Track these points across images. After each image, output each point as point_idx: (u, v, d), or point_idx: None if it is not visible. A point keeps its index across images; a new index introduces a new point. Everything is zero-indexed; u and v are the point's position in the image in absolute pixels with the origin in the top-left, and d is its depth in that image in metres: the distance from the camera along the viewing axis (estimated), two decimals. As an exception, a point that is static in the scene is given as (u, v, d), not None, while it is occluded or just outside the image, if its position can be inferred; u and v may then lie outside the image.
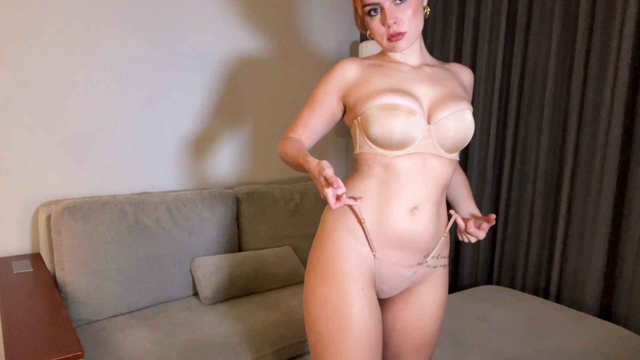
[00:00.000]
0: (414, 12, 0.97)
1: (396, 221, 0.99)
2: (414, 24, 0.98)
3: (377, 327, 1.00)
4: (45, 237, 1.66)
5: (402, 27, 0.97)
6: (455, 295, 1.92)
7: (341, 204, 0.85)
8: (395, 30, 0.97)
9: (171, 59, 2.05)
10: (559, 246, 1.90)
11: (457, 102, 1.00)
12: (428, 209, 1.01)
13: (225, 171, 2.31)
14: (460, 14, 2.30)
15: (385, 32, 0.99)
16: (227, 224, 2.02)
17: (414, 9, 0.97)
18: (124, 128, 1.96)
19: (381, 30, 1.00)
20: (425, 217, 1.00)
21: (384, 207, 0.99)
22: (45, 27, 1.73)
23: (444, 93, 1.02)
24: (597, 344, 1.51)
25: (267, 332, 1.62)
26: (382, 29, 0.99)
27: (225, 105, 2.26)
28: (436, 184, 1.01)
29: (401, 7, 0.96)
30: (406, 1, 0.96)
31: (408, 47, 1.01)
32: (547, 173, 1.97)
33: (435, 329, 1.10)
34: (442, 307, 1.11)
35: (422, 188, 1.00)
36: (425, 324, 1.08)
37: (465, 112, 1.00)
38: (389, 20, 0.96)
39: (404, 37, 0.98)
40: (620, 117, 1.69)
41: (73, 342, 1.11)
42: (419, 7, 0.99)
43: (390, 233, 1.00)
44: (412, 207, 1.00)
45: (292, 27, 2.45)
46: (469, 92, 1.12)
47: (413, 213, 1.00)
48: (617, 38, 1.70)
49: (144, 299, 1.75)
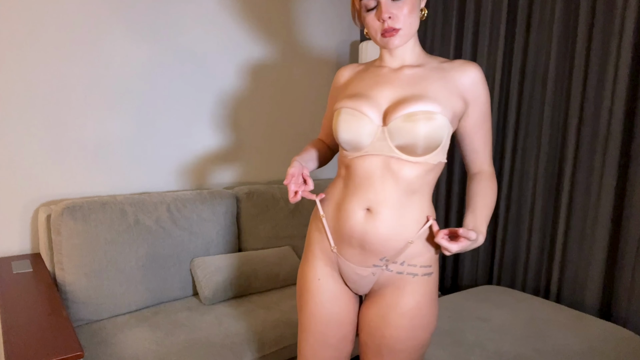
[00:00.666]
0: (410, 10, 0.97)
1: (348, 219, 1.03)
2: (409, 22, 0.98)
3: (333, 313, 1.10)
4: (45, 237, 1.66)
5: (397, 23, 0.97)
6: (456, 295, 1.92)
7: (297, 198, 1.01)
8: (389, 26, 0.97)
9: (171, 60, 2.05)
10: (559, 246, 1.90)
11: (415, 103, 0.95)
12: (384, 211, 1.00)
13: (225, 171, 2.31)
14: (460, 14, 2.30)
15: (380, 27, 0.99)
16: (227, 224, 2.02)
17: (410, 7, 0.97)
18: (124, 128, 1.95)
19: (376, 25, 1.00)
20: (379, 220, 1.00)
21: (341, 205, 1.06)
22: (47, 28, 1.73)
23: (407, 94, 0.99)
24: (597, 344, 1.51)
25: (267, 332, 1.61)
26: (377, 23, 0.99)
27: (225, 105, 2.25)
28: (398, 187, 0.99)
29: (398, 3, 0.97)
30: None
31: (401, 44, 1.01)
32: (547, 173, 1.97)
33: (400, 335, 1.02)
34: (412, 315, 1.02)
35: (378, 190, 1.00)
36: (387, 328, 1.04)
37: (418, 113, 0.94)
38: (384, 15, 0.96)
39: (398, 34, 0.98)
40: (620, 116, 1.69)
41: (73, 342, 1.10)
42: (416, 6, 0.99)
43: (344, 230, 1.04)
44: (365, 207, 1.01)
45: (292, 27, 2.45)
46: (462, 90, 1.00)
47: (366, 213, 1.01)
48: (617, 37, 1.70)
49: (144, 299, 1.75)
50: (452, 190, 2.41)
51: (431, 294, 1.04)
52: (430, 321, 1.04)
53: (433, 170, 1.01)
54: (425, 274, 1.02)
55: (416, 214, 1.01)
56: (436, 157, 0.99)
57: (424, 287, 1.03)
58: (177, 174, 2.14)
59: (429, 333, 1.05)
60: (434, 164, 0.99)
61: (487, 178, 1.04)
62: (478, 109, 1.02)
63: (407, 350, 1.04)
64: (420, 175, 0.99)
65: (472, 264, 2.30)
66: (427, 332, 1.04)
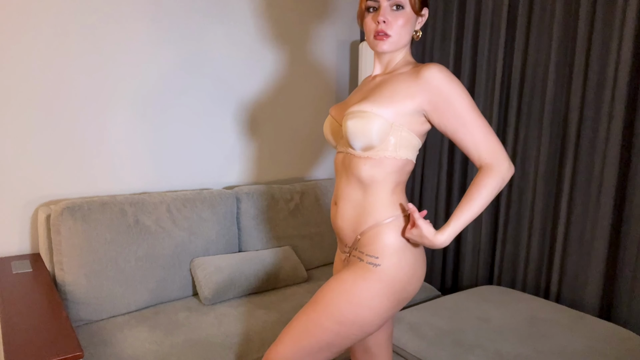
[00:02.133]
0: (404, 23, 1.08)
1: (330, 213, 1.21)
2: (400, 33, 1.08)
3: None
4: (45, 237, 1.66)
5: (390, 30, 1.07)
6: (456, 296, 1.92)
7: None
8: (382, 29, 1.07)
9: (171, 60, 2.05)
10: (560, 246, 1.90)
11: (357, 105, 1.07)
12: (343, 204, 1.13)
13: (225, 171, 2.30)
14: (460, 14, 2.30)
15: (374, 28, 1.09)
16: (227, 224, 2.02)
17: (405, 21, 1.08)
18: (124, 128, 1.95)
19: (372, 26, 1.09)
20: (339, 213, 1.14)
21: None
22: (46, 28, 1.73)
23: (361, 98, 1.12)
24: (598, 344, 1.50)
25: (267, 332, 1.61)
26: (373, 25, 1.09)
27: (225, 105, 2.25)
28: (352, 181, 1.11)
29: (396, 13, 1.07)
30: (402, 11, 1.07)
31: (388, 50, 1.10)
32: (547, 173, 1.97)
33: (324, 289, 1.09)
34: (341, 281, 1.07)
35: (340, 184, 1.15)
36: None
37: (353, 112, 1.06)
38: (381, 17, 1.06)
39: (387, 40, 1.08)
40: (620, 117, 1.69)
41: (72, 342, 1.10)
42: (411, 23, 1.09)
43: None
44: (335, 201, 1.18)
45: (291, 27, 2.45)
46: (415, 91, 1.04)
47: (335, 207, 1.17)
48: (617, 37, 1.70)
49: (144, 299, 1.75)
50: (452, 193, 2.41)
51: (374, 283, 1.04)
52: (361, 303, 1.04)
53: (383, 167, 1.07)
54: (370, 262, 1.06)
55: (370, 209, 1.09)
56: (379, 153, 1.06)
57: (365, 271, 1.06)
58: (177, 174, 2.14)
59: (354, 315, 1.04)
60: (376, 159, 1.06)
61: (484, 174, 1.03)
62: (443, 108, 1.03)
63: (324, 309, 1.06)
64: (369, 170, 1.07)
65: (473, 264, 2.30)
66: (354, 312, 1.04)
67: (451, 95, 1.02)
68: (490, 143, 1.02)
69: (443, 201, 2.44)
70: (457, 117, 1.02)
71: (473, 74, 2.27)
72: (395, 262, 1.05)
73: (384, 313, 1.07)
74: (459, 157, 2.34)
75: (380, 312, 1.06)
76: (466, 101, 1.02)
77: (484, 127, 1.03)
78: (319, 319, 1.07)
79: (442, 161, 2.42)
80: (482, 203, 1.01)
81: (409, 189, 2.63)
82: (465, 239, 2.32)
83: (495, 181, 1.01)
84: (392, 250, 1.06)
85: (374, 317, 1.06)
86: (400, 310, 1.91)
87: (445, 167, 2.40)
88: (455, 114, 1.02)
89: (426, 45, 2.48)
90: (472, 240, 2.29)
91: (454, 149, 2.38)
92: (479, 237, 2.27)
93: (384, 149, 1.05)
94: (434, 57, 2.43)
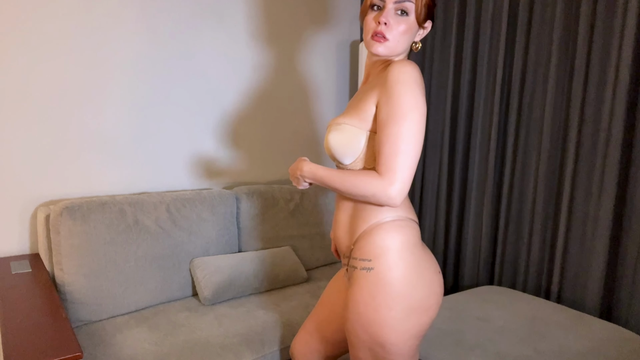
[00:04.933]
0: (405, 31, 1.03)
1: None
2: (399, 40, 1.03)
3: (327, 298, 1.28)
4: (44, 237, 1.66)
5: (389, 33, 1.02)
6: (456, 296, 1.91)
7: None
8: (381, 31, 1.02)
9: (171, 61, 2.04)
10: (560, 246, 1.90)
11: (337, 117, 1.09)
12: (339, 215, 1.14)
13: (225, 171, 2.30)
14: (461, 14, 2.30)
15: (373, 28, 1.04)
16: (227, 224, 2.01)
17: (407, 28, 1.03)
18: (124, 128, 1.95)
19: (372, 25, 1.05)
20: (337, 222, 1.15)
21: None
22: (46, 28, 1.72)
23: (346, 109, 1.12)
24: (598, 345, 1.50)
25: (267, 332, 1.61)
26: (373, 24, 1.04)
27: (225, 105, 2.25)
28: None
29: (399, 18, 1.02)
30: (406, 17, 1.02)
31: (383, 55, 1.05)
32: (548, 173, 1.96)
33: (348, 329, 1.06)
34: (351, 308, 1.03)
35: (337, 196, 1.17)
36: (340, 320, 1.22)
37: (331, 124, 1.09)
38: (382, 19, 1.02)
39: (384, 43, 1.03)
40: (621, 117, 1.68)
41: (72, 343, 1.10)
42: (412, 31, 1.04)
43: None
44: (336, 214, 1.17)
45: (292, 27, 2.45)
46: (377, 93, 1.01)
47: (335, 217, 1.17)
48: (618, 38, 1.69)
49: (143, 300, 1.75)
50: (452, 193, 2.41)
51: (372, 290, 0.99)
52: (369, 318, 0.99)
53: None
54: (364, 268, 1.02)
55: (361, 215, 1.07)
56: (358, 164, 1.04)
57: (362, 281, 1.02)
58: (177, 174, 2.13)
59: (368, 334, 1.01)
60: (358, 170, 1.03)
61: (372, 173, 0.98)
62: (384, 107, 0.97)
63: (356, 345, 1.05)
64: None
65: (473, 264, 2.30)
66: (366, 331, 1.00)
67: (393, 92, 0.96)
68: (393, 159, 0.94)
69: (443, 201, 2.43)
70: (387, 116, 0.96)
71: (473, 74, 2.27)
72: (390, 262, 0.99)
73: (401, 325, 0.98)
74: (460, 157, 2.34)
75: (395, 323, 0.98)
76: (403, 106, 0.94)
77: (401, 140, 0.93)
78: (357, 355, 1.06)
79: (442, 161, 2.41)
80: (345, 183, 0.99)
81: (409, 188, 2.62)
82: (466, 239, 2.31)
83: (368, 185, 0.96)
84: (385, 249, 1.00)
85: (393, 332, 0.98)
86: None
87: (445, 167, 2.40)
88: (387, 113, 0.96)
89: (426, 45, 2.48)
90: (473, 240, 2.28)
91: (455, 149, 2.38)
92: (479, 237, 2.27)
93: (362, 160, 1.03)
94: (434, 57, 2.43)
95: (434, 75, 2.43)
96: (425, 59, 2.49)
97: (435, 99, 2.44)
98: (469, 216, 2.29)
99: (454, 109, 2.36)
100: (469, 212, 2.28)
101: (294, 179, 1.13)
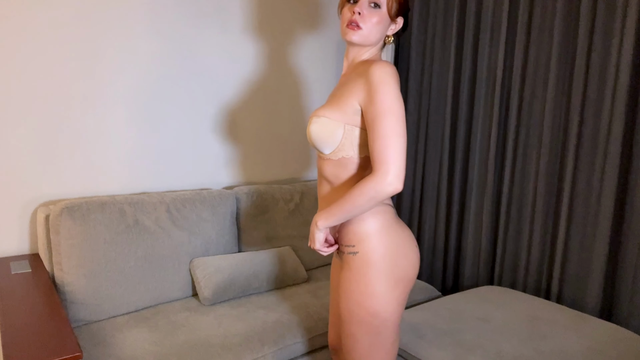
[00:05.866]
0: (378, 22, 1.15)
1: None
2: (371, 30, 1.15)
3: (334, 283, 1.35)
4: (44, 237, 1.66)
5: (362, 23, 1.14)
6: (457, 296, 1.91)
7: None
8: (355, 19, 1.14)
9: (173, 61, 2.04)
10: (561, 246, 1.89)
11: (318, 109, 1.17)
12: (321, 203, 1.24)
13: (225, 171, 2.30)
14: (461, 13, 2.29)
15: (349, 18, 1.16)
16: (227, 224, 2.01)
17: (379, 20, 1.15)
18: (123, 128, 1.95)
19: (347, 15, 1.17)
20: (320, 208, 1.24)
21: None
22: (45, 27, 1.72)
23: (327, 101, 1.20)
24: (599, 345, 1.50)
25: (266, 332, 1.61)
26: (349, 14, 1.16)
27: (225, 105, 2.25)
28: (322, 181, 1.22)
29: (372, 10, 1.14)
30: (378, 10, 1.15)
31: (357, 42, 1.17)
32: (548, 173, 1.96)
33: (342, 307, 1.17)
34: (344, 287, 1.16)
35: (319, 185, 1.25)
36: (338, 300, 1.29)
37: (312, 116, 1.18)
38: (356, 9, 1.14)
39: (358, 32, 1.15)
40: (621, 116, 1.68)
41: (71, 343, 1.10)
42: (384, 23, 1.16)
43: None
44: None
45: (291, 27, 2.45)
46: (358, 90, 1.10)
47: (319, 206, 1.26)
48: (618, 37, 1.69)
49: (143, 300, 1.74)
50: (453, 193, 2.41)
51: (359, 270, 1.13)
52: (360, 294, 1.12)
53: (343, 166, 1.15)
54: (350, 252, 1.15)
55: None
56: (337, 154, 1.14)
57: (350, 264, 1.15)
58: (177, 174, 2.13)
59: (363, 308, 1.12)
60: (336, 160, 1.15)
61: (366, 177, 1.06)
62: (368, 102, 1.07)
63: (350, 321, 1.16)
64: (332, 170, 1.17)
65: (473, 265, 2.30)
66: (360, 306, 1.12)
67: (378, 92, 1.05)
68: (385, 152, 1.02)
69: (444, 201, 2.43)
70: (374, 115, 1.05)
71: (474, 73, 2.27)
72: (371, 245, 1.12)
73: (389, 294, 1.12)
74: (460, 156, 2.34)
75: (383, 295, 1.12)
76: (387, 104, 1.03)
77: (390, 134, 1.03)
78: (349, 331, 1.17)
79: (442, 161, 2.41)
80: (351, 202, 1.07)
81: (409, 189, 2.62)
82: (466, 239, 2.31)
83: (367, 187, 1.04)
84: (365, 235, 1.13)
85: (384, 302, 1.12)
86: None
87: (446, 167, 2.40)
88: (374, 112, 1.05)
89: (426, 45, 2.48)
90: (473, 240, 2.28)
91: (455, 149, 2.38)
92: (479, 237, 2.27)
93: (340, 150, 1.13)
94: (434, 57, 2.42)
95: (434, 75, 2.43)
96: (426, 59, 2.49)
97: (435, 99, 2.44)
98: (469, 216, 2.29)
99: (454, 109, 2.36)
100: (469, 212, 2.28)
101: (314, 242, 1.18)
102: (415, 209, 2.59)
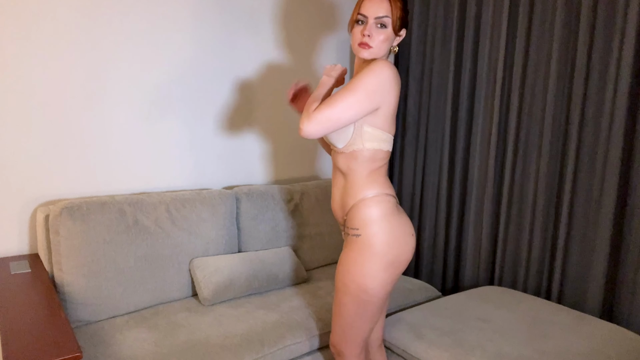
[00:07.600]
0: (384, 40, 1.31)
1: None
2: (380, 47, 1.31)
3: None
4: (44, 237, 1.65)
5: (372, 42, 1.30)
6: (457, 296, 1.91)
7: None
8: (365, 42, 1.30)
9: (172, 61, 2.04)
10: (561, 247, 1.89)
11: None
12: (334, 191, 1.44)
13: (225, 171, 2.30)
14: (461, 13, 2.29)
15: (360, 39, 1.31)
16: (227, 224, 2.01)
17: (386, 38, 1.31)
18: (123, 128, 1.95)
19: (358, 36, 1.32)
20: (333, 197, 1.44)
21: None
22: (45, 27, 1.72)
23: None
24: (599, 345, 1.50)
25: (266, 333, 1.61)
26: (359, 36, 1.32)
27: (225, 105, 2.25)
28: (337, 171, 1.42)
29: (379, 30, 1.30)
30: (384, 29, 1.30)
31: (368, 58, 1.33)
32: (548, 173, 1.96)
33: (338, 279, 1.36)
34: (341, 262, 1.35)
35: (333, 175, 1.45)
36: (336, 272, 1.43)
37: None
38: (366, 31, 1.29)
39: (368, 50, 1.31)
40: (622, 116, 1.68)
41: (71, 343, 1.10)
42: (390, 40, 1.32)
43: None
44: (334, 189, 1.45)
45: (291, 27, 2.45)
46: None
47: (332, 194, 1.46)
48: (618, 37, 1.69)
49: (143, 300, 1.74)
50: (453, 192, 2.40)
51: (359, 251, 1.31)
52: (356, 271, 1.31)
53: (354, 158, 1.33)
54: (354, 234, 1.33)
55: (350, 192, 1.36)
56: (349, 148, 1.32)
57: (353, 244, 1.33)
58: (177, 174, 2.13)
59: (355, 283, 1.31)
60: (348, 153, 1.33)
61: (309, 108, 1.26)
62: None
63: (343, 291, 1.35)
64: (344, 162, 1.36)
65: (474, 265, 2.29)
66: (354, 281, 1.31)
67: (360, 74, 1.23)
68: (320, 108, 1.22)
69: (444, 201, 2.43)
70: (344, 87, 1.25)
71: (474, 73, 2.27)
72: (373, 230, 1.30)
73: (380, 275, 1.30)
74: (460, 156, 2.34)
75: (375, 276, 1.30)
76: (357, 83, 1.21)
77: (337, 99, 1.21)
78: (340, 299, 1.36)
79: (442, 161, 2.41)
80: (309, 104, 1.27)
81: (409, 188, 2.62)
82: (466, 239, 2.31)
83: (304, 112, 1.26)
84: (368, 221, 1.30)
85: (374, 281, 1.30)
86: (401, 310, 1.90)
87: (446, 167, 2.40)
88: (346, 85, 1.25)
89: (427, 45, 2.48)
90: (473, 240, 2.28)
91: (455, 149, 2.38)
92: (479, 237, 2.27)
93: (352, 144, 1.31)
94: (434, 57, 2.42)
95: (434, 75, 2.43)
96: (426, 59, 2.48)
97: (435, 99, 2.44)
98: (469, 216, 2.29)
99: (454, 108, 2.35)
100: (469, 212, 2.28)
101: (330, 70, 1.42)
102: (415, 209, 2.59)
